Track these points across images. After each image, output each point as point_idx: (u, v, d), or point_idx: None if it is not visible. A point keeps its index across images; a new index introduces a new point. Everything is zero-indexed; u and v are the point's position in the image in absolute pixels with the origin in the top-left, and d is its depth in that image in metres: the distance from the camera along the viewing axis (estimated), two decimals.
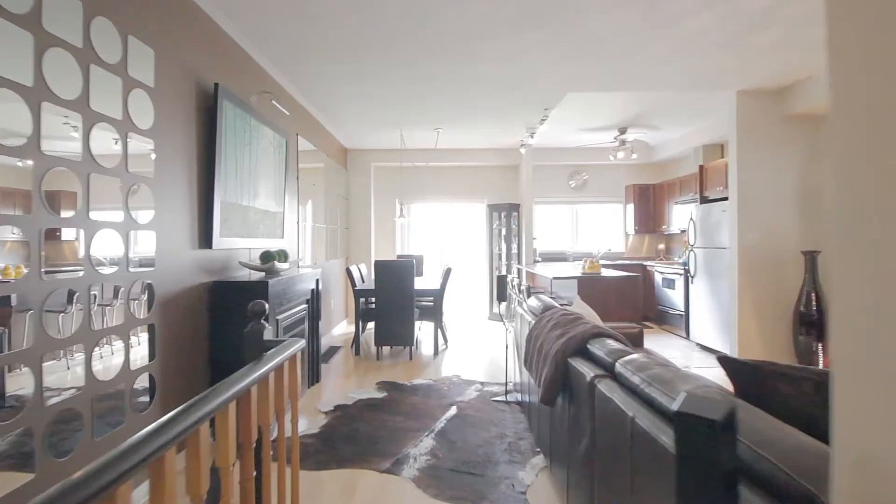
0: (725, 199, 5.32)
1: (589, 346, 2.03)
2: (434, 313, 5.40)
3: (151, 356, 2.40)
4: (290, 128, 4.52)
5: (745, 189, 4.73)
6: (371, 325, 6.02)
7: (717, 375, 4.55)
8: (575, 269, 5.84)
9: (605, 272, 5.07)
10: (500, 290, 3.81)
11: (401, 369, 4.66)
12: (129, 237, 2.21)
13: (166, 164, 2.54)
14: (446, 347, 5.63)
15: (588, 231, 8.09)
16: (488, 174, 7.91)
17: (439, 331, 5.45)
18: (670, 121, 5.91)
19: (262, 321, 1.58)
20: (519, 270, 7.45)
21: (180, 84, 2.70)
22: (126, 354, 2.21)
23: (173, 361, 2.58)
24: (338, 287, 6.62)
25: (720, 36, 3.47)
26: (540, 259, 7.71)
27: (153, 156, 2.43)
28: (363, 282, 6.15)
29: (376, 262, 4.96)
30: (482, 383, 4.19)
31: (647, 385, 1.44)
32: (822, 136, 4.65)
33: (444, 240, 8.03)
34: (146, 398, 2.37)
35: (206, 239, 2.91)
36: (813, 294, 4.47)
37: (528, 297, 5.14)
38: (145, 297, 2.42)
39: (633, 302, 4.84)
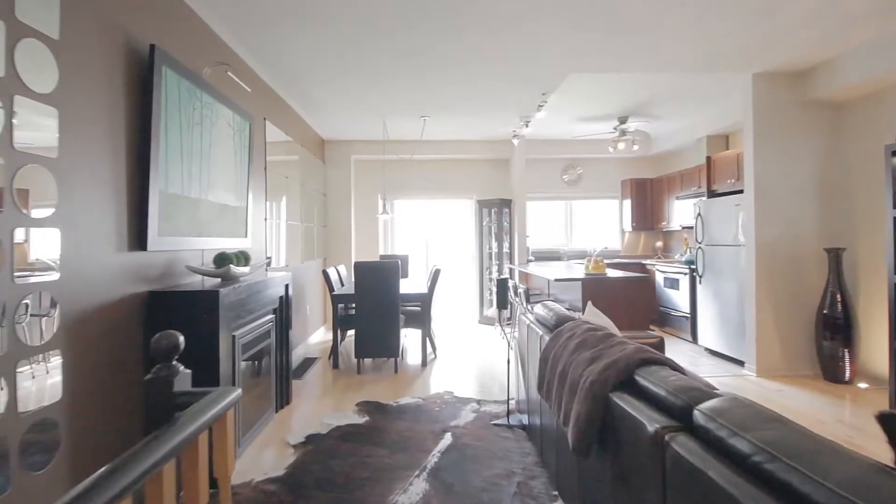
0: (737, 192, 4.91)
1: (638, 378, 1.53)
2: (421, 320, 4.87)
3: (61, 393, 1.82)
4: (255, 110, 3.94)
5: (762, 181, 4.32)
6: (351, 333, 5.46)
7: (733, 385, 4.01)
8: (573, 270, 5.37)
9: (611, 272, 4.61)
10: (501, 297, 3.29)
11: (385, 385, 4.12)
12: (12, 236, 1.62)
13: (78, 141, 1.95)
14: (435, 357, 5.11)
15: (583, 228, 7.65)
16: (478, 168, 7.41)
17: (427, 339, 4.92)
18: (674, 109, 5.48)
19: (174, 363, 1.02)
20: (511, 271, 6.96)
21: (100, 40, 2.11)
22: (11, 394, 1.62)
23: (90, 398, 1.99)
24: (315, 291, 6.04)
25: (743, 7, 3.02)
26: (533, 258, 7.23)
27: (57, 131, 1.85)
28: (342, 285, 5.58)
29: (356, 264, 4.40)
30: (478, 402, 3.68)
31: (768, 460, 0.93)
32: (845, 124, 4.26)
33: (430, 239, 7.50)
34: (48, 451, 1.79)
35: (138, 239, 2.32)
36: (838, 295, 4.08)
37: (528, 301, 4.64)
38: (56, 313, 1.84)
39: (642, 306, 4.39)
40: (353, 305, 4.60)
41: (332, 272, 5.23)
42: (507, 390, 3.59)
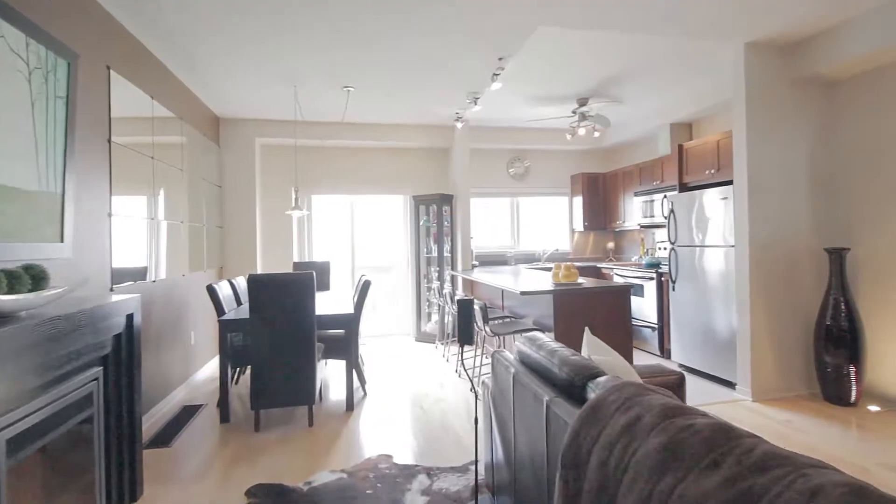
0: (715, 184, 4.27)
1: None
2: (346, 348, 3.71)
3: None
4: (88, 49, 2.58)
5: (756, 170, 3.67)
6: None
7: (732, 416, 2.73)
8: (527, 277, 4.48)
9: (583, 280, 3.75)
10: (465, 328, 2.23)
11: (294, 450, 2.92)
12: None
13: None
14: (365, 395, 3.96)
15: (530, 228, 6.84)
16: (413, 159, 6.33)
17: (354, 372, 3.77)
18: (638, 90, 4.77)
19: None
20: (454, 278, 5.96)
21: None
22: None
23: None
24: (205, 311, 4.63)
25: None
26: (476, 263, 6.29)
27: None
28: (239, 304, 4.26)
29: (251, 278, 3.13)
30: (429, 472, 2.60)
31: None
32: (843, 106, 3.71)
33: (357, 241, 6.30)
34: None
35: None
36: (842, 302, 3.50)
37: (487, 321, 3.65)
38: None
39: (622, 321, 3.57)
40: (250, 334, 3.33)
41: (223, 287, 3.90)
42: (474, 456, 2.55)
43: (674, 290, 4.54)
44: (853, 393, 3.46)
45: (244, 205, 5.42)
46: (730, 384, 3.93)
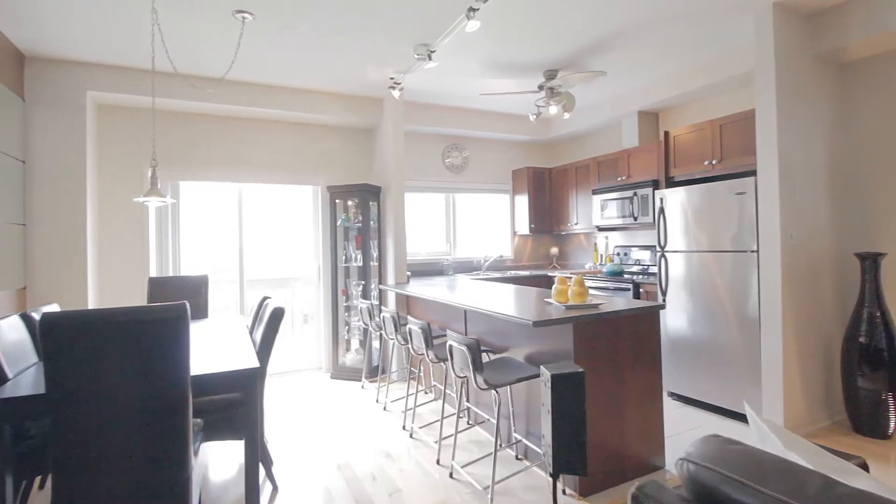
0: (721, 177, 3.60)
1: None
2: (244, 421, 2.23)
3: None
4: None
5: (787, 158, 3.00)
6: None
7: None
8: (470, 290, 3.39)
9: (598, 300, 2.74)
10: (568, 441, 1.00)
11: None
12: None
13: None
14: (275, 490, 2.51)
15: (468, 231, 5.78)
16: (329, 138, 4.89)
17: (258, 459, 2.30)
18: (620, 63, 3.96)
19: None
20: (383, 294, 4.66)
21: None
22: None
23: None
24: None
25: None
26: (409, 273, 5.06)
27: None
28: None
29: (45, 320, 1.56)
30: None
31: None
32: (868, 88, 3.21)
33: (247, 246, 4.67)
34: None
35: None
36: (878, 316, 2.95)
37: (429, 345, 2.45)
38: None
39: (651, 351, 2.63)
40: (52, 422, 1.73)
41: (5, 330, 2.18)
42: None
43: (664, 302, 3.77)
44: (892, 424, 2.92)
45: (66, 190, 3.55)
46: (743, 416, 3.23)
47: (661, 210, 3.76)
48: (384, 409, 3.71)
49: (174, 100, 3.91)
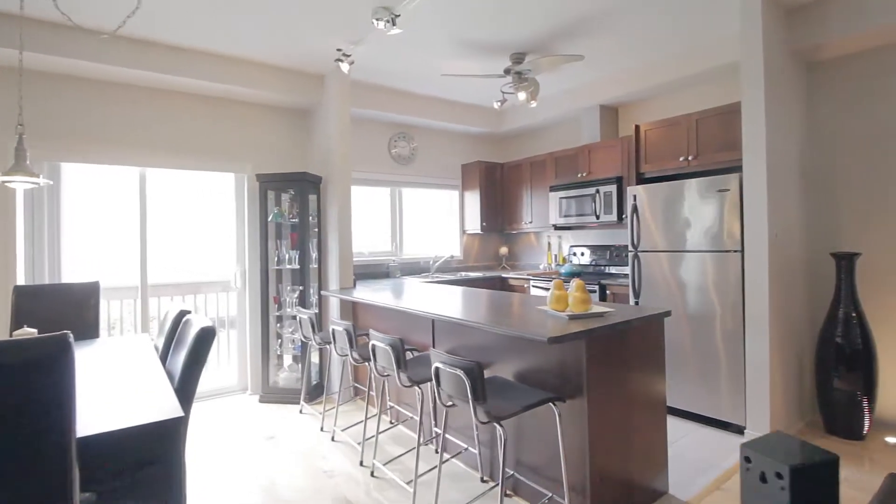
0: (698, 174, 3.46)
1: None
2: (160, 488, 1.58)
3: None
4: None
5: (775, 154, 2.89)
6: None
7: None
8: (419, 294, 2.97)
9: (602, 308, 2.37)
10: None
11: None
12: None
13: None
14: None
15: (415, 229, 5.29)
16: (259, 117, 4.13)
17: None
18: (588, 49, 3.70)
19: None
20: (323, 301, 4.04)
21: None
22: None
23: None
24: None
25: None
26: (354, 277, 4.46)
27: None
28: None
29: None
30: None
31: None
32: (836, 86, 3.20)
33: (151, 245, 3.80)
34: None
35: None
36: (854, 316, 2.93)
37: (402, 368, 1.98)
38: None
39: (655, 360, 2.34)
40: None
41: None
42: None
43: (637, 305, 3.57)
44: (866, 424, 2.90)
45: None
46: (724, 424, 3.09)
47: (635, 208, 3.55)
48: (332, 439, 3.11)
49: (53, 56, 3.01)
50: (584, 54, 3.60)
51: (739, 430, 3.00)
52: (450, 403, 2.03)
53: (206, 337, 1.80)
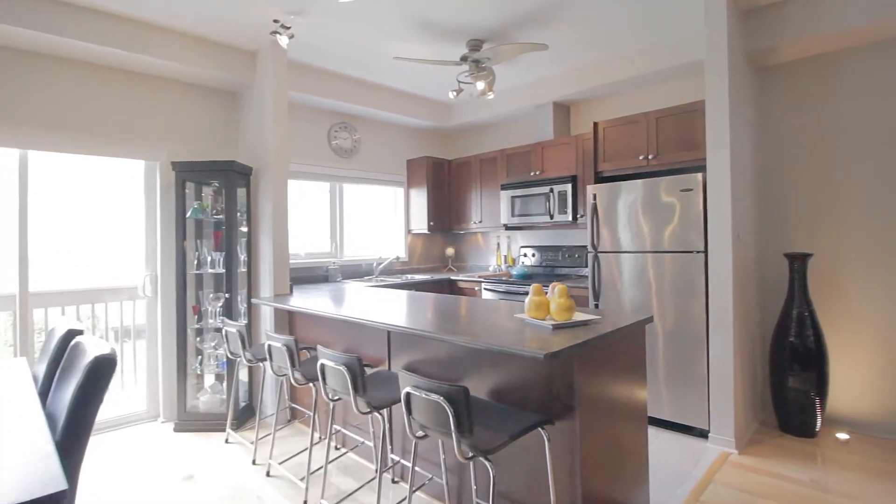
0: (658, 173, 3.39)
1: None
2: None
3: None
4: None
5: (738, 153, 2.86)
6: None
7: (743, 486, 2.17)
8: (392, 304, 2.67)
9: (585, 316, 2.14)
10: None
11: None
12: None
13: None
14: None
15: (356, 229, 4.87)
16: (177, 96, 3.52)
17: None
18: (548, 41, 3.53)
19: None
20: (253, 310, 3.55)
21: None
22: None
23: None
24: None
25: None
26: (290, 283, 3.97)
27: None
28: None
29: None
30: None
31: None
32: (774, 92, 3.26)
33: (35, 243, 3.08)
34: None
35: None
36: (807, 315, 2.98)
37: (362, 392, 1.65)
38: None
39: (638, 368, 2.16)
40: None
41: None
42: None
43: (597, 307, 3.45)
44: (818, 422, 2.96)
45: None
46: (687, 429, 3.04)
47: (595, 207, 3.42)
48: (268, 474, 2.66)
49: None
50: (556, 42, 3.42)
51: (703, 434, 2.95)
52: (422, 434, 1.71)
53: (101, 370, 1.34)
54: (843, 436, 2.96)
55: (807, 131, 3.15)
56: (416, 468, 2.45)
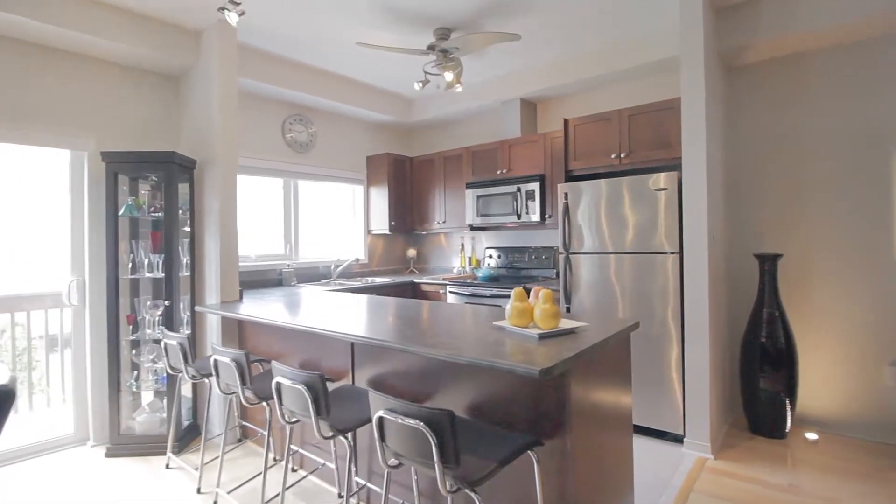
0: (631, 171, 3.31)
1: None
2: None
3: None
4: None
5: (711, 156, 2.81)
6: None
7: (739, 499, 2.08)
8: (354, 311, 2.46)
9: (571, 323, 1.99)
10: None
11: None
12: None
13: None
14: None
15: (311, 229, 4.56)
16: (108, 78, 3.10)
17: None
18: (529, 25, 3.39)
19: None
20: (196, 320, 3.20)
21: None
22: None
23: None
24: None
25: None
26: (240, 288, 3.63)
27: None
28: None
29: None
30: None
31: None
32: (743, 92, 3.27)
33: None
34: None
35: None
36: (777, 317, 2.98)
37: (322, 413, 1.44)
38: None
39: (623, 376, 2.03)
40: None
41: None
42: None
43: (569, 312, 3.35)
44: (788, 422, 2.97)
45: None
46: (661, 434, 2.97)
47: (567, 207, 3.31)
48: (214, 502, 2.35)
49: None
50: (506, 43, 3.27)
51: (678, 440, 2.89)
52: (396, 463, 1.49)
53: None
54: (812, 436, 2.98)
55: (776, 131, 3.17)
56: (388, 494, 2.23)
